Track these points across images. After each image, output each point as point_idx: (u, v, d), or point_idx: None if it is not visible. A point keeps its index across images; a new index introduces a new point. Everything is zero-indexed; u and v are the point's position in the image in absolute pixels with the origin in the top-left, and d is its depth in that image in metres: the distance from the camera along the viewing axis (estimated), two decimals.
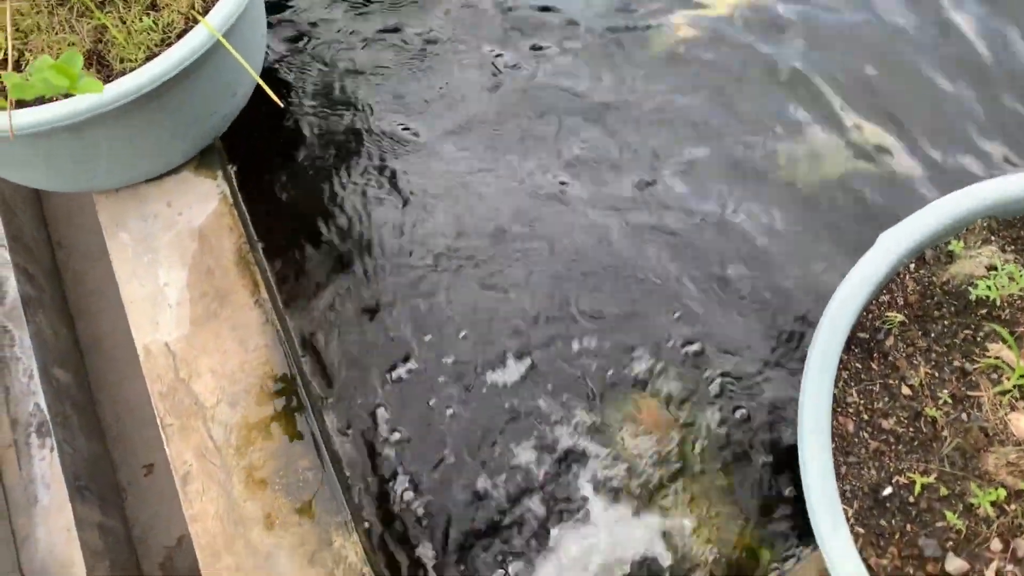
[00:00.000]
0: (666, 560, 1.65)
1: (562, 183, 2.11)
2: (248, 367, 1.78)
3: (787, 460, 1.73)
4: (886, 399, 1.34)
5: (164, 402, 1.76)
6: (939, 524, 1.24)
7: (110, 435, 1.97)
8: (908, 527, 1.25)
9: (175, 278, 1.88)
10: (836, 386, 1.35)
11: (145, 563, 1.85)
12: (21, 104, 1.59)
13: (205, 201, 1.97)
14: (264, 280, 1.88)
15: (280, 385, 1.76)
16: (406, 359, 1.87)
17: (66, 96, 1.59)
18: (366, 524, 1.72)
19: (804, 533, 1.66)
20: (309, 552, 1.63)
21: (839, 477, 1.29)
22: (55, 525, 1.62)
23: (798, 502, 1.69)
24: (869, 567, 1.22)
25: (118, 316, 1.98)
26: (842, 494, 1.27)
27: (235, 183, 2.03)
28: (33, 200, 2.29)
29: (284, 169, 2.11)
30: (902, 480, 1.28)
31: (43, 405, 1.74)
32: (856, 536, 1.25)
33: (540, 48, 2.36)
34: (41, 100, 1.60)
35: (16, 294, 1.89)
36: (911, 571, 1.22)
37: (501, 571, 1.67)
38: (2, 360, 1.81)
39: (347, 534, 1.65)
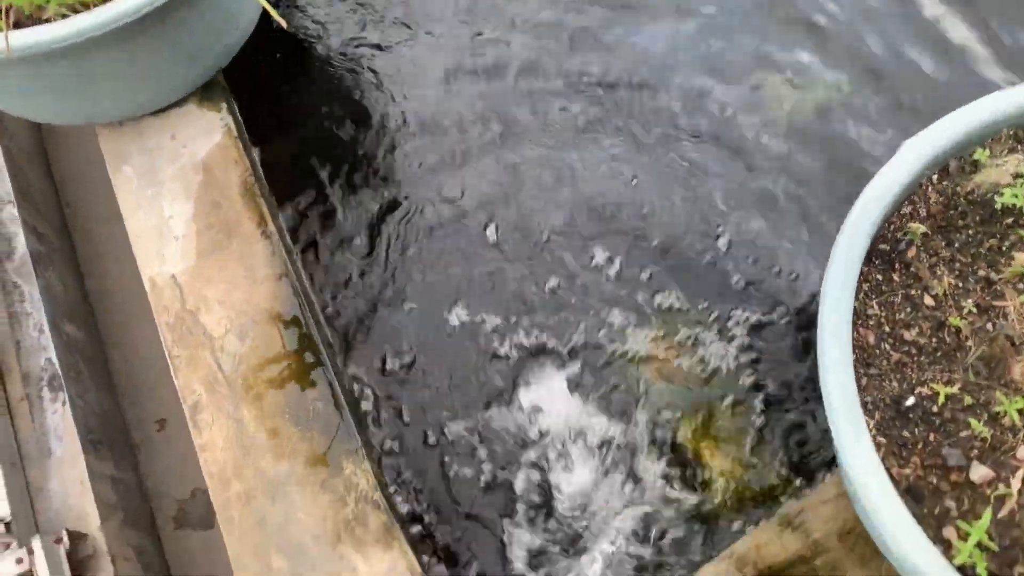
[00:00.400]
0: None
1: None
2: (256, 298, 1.76)
3: None
4: (908, 310, 1.30)
5: (172, 333, 1.74)
6: (963, 433, 1.21)
7: (121, 390, 1.97)
8: (931, 437, 1.22)
9: (180, 211, 1.85)
10: (856, 299, 1.32)
11: (158, 516, 1.85)
12: (19, 26, 1.56)
13: (209, 134, 1.94)
14: (271, 212, 1.85)
15: (290, 315, 1.74)
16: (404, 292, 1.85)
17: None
18: (376, 450, 1.71)
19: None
20: (320, 479, 1.62)
21: (860, 389, 1.26)
22: (68, 477, 1.63)
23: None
24: (891, 477, 1.19)
25: (128, 273, 1.98)
26: (863, 406, 1.24)
27: (240, 116, 1.99)
28: (41, 158, 2.27)
29: (289, 103, 2.08)
30: (925, 391, 1.25)
31: (54, 359, 1.74)
32: (878, 446, 1.22)
33: None
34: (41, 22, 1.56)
35: (25, 250, 1.88)
36: (934, 481, 1.20)
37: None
38: (13, 315, 1.80)
39: (358, 461, 1.63)
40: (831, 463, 1.62)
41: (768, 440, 1.68)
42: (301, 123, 2.05)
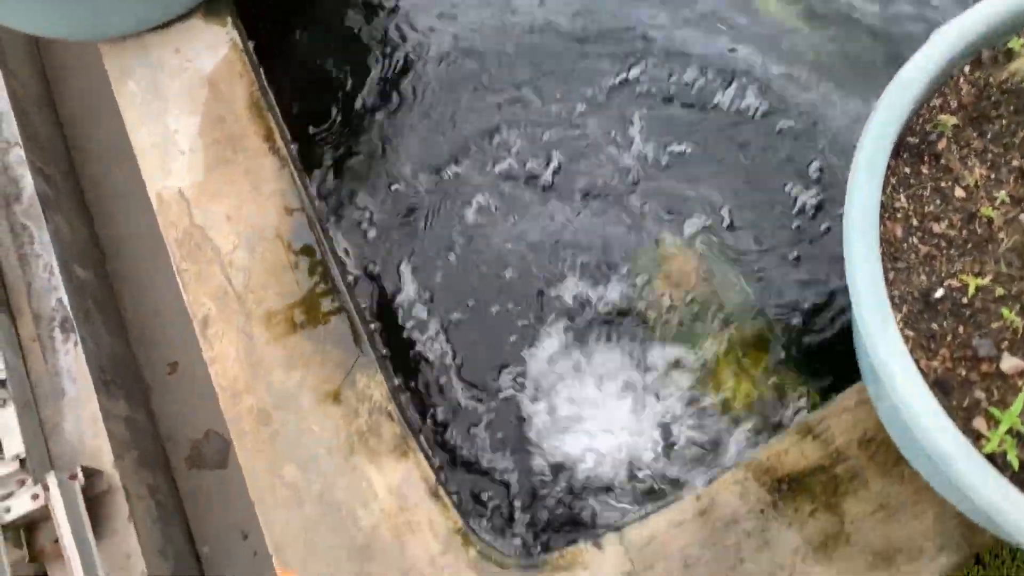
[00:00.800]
0: None
1: None
2: (265, 212, 1.72)
3: None
4: (938, 202, 1.26)
5: (180, 248, 1.71)
6: (994, 324, 1.17)
7: (133, 334, 1.96)
8: (961, 329, 1.18)
9: (186, 125, 1.81)
10: (884, 192, 1.28)
11: (172, 456, 1.85)
12: None
13: (215, 48, 1.89)
14: (278, 126, 1.81)
15: (299, 230, 1.70)
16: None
17: None
18: (387, 357, 1.68)
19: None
20: (332, 391, 1.60)
21: (887, 283, 1.22)
22: (82, 416, 1.62)
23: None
24: (919, 370, 1.15)
25: (138, 218, 1.97)
26: (890, 300, 1.21)
27: (245, 30, 1.94)
28: (47, 103, 2.24)
29: (295, 15, 2.02)
30: (954, 283, 1.21)
31: (65, 301, 1.72)
32: (905, 339, 1.18)
33: None
34: None
35: (33, 191, 1.86)
36: (963, 372, 1.16)
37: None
38: (23, 257, 1.79)
39: (371, 374, 1.61)
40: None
41: None
42: (308, 36, 1.99)
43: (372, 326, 1.72)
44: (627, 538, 1.47)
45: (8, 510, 1.44)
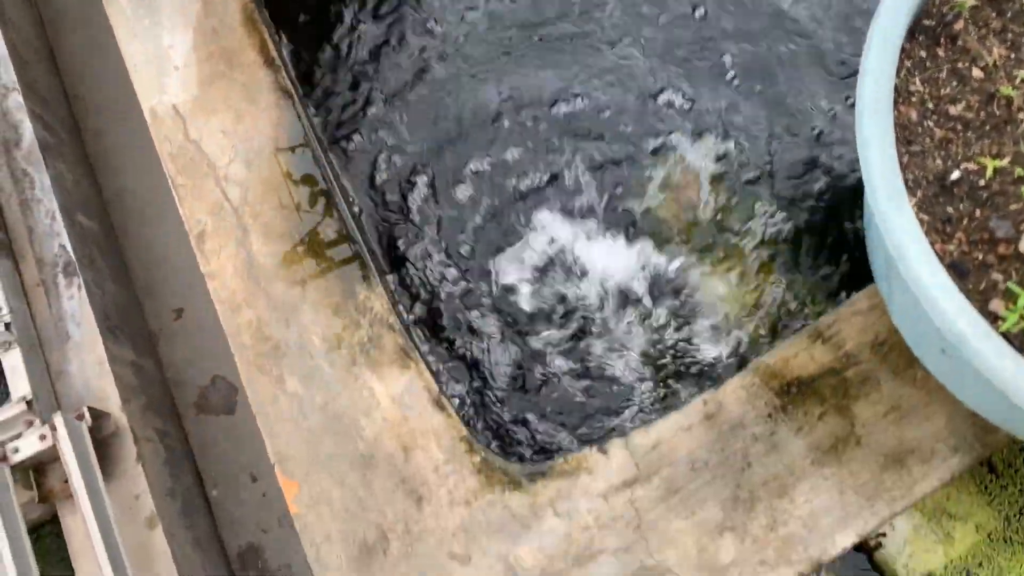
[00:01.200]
0: None
1: None
2: (261, 125, 1.68)
3: None
4: (955, 84, 1.21)
5: (174, 163, 1.67)
6: (1013, 206, 1.13)
7: (138, 284, 1.95)
8: (977, 212, 1.14)
9: (179, 40, 1.76)
10: (898, 76, 1.23)
11: (180, 402, 1.85)
12: None
13: None
14: (272, 39, 1.76)
15: (296, 142, 1.67)
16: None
17: None
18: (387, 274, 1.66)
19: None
20: (333, 304, 1.57)
21: (901, 167, 1.18)
22: (88, 360, 1.61)
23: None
24: (935, 253, 1.12)
25: (142, 171, 1.95)
26: (905, 184, 1.16)
27: None
28: (46, 53, 2.19)
29: None
30: (971, 166, 1.17)
31: (68, 246, 1.71)
32: (920, 223, 1.14)
33: None
34: None
35: (33, 137, 1.82)
36: (979, 256, 1.13)
37: None
38: (24, 202, 1.76)
39: (371, 287, 1.58)
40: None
41: None
42: None
43: (372, 238, 1.68)
44: (633, 443, 1.45)
45: (17, 451, 1.43)
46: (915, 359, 1.42)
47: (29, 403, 1.53)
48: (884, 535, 1.62)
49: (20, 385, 1.54)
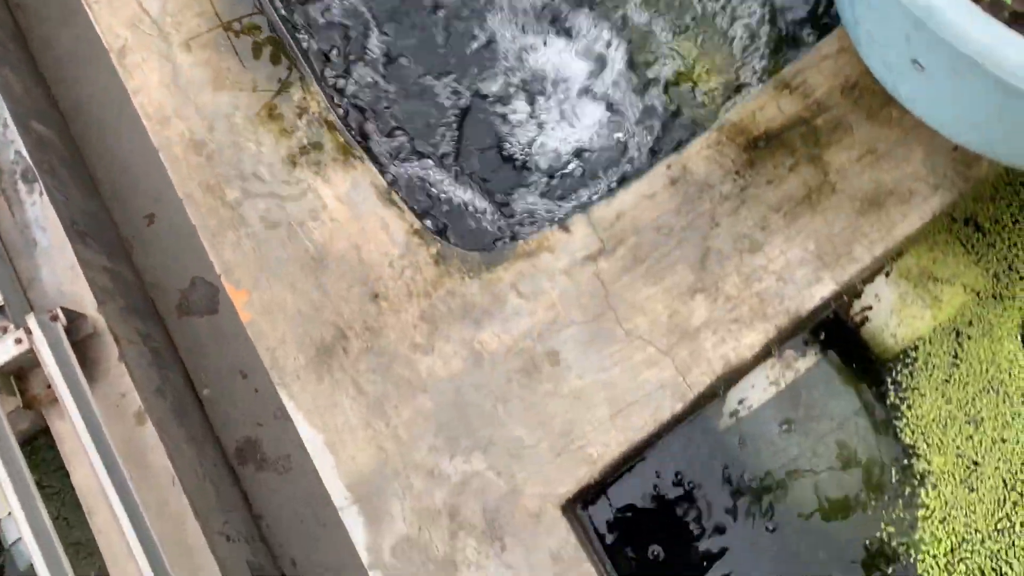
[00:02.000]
0: None
1: None
2: None
3: None
4: None
5: None
6: None
7: (106, 192, 1.87)
8: None
9: None
10: None
11: (161, 305, 1.79)
12: None
13: None
14: None
15: None
16: None
17: None
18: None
19: None
20: (267, 108, 1.47)
21: None
22: (59, 265, 1.54)
23: None
24: None
25: (100, 82, 1.84)
26: None
27: None
28: None
29: None
30: None
31: (24, 153, 1.61)
32: None
33: None
34: None
35: None
36: None
37: None
38: None
39: (307, 86, 1.47)
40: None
41: None
42: None
43: (304, 36, 1.57)
44: (595, 216, 1.37)
45: None
46: (889, 99, 1.32)
47: (1, 309, 1.46)
48: (871, 308, 1.55)
49: None
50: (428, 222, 1.43)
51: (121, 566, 1.36)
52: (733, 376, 1.31)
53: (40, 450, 1.63)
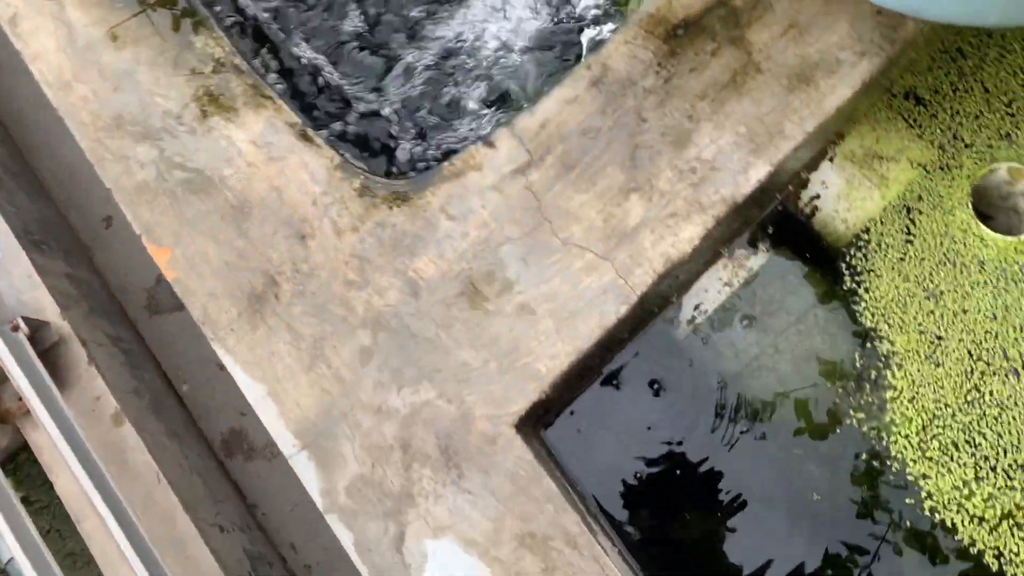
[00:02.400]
0: None
1: None
2: None
3: None
4: None
5: None
6: None
7: (60, 199, 1.80)
8: None
9: None
10: None
11: (129, 307, 1.73)
12: None
13: None
14: None
15: None
16: None
17: None
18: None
19: None
20: (171, 59, 1.41)
21: None
22: (15, 275, 1.48)
23: None
24: None
25: (38, 92, 1.76)
26: None
27: None
28: None
29: None
30: None
31: None
32: None
33: None
34: None
35: None
36: None
37: None
38: None
39: (210, 32, 1.41)
40: None
41: None
42: None
43: None
44: (519, 128, 1.32)
45: None
46: None
47: None
48: (818, 197, 1.51)
49: None
50: (346, 152, 1.37)
51: (115, 568, 1.33)
52: (675, 271, 1.27)
53: (24, 465, 1.58)
